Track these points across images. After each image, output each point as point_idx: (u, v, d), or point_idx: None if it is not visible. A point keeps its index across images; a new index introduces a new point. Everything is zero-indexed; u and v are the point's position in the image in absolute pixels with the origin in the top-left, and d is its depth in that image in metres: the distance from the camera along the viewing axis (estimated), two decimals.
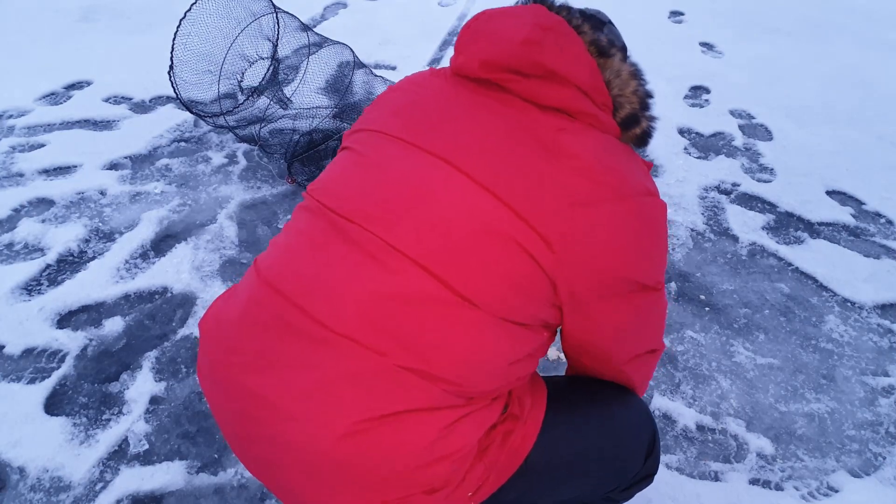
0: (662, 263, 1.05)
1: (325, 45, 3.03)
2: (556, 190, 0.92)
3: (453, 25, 4.58)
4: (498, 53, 1.01)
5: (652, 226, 1.00)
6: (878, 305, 2.37)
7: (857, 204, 2.91)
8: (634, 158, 1.05)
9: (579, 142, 0.96)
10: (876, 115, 3.63)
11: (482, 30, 1.06)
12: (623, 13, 4.89)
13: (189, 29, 2.88)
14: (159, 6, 4.55)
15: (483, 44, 1.04)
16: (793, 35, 4.63)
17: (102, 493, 1.67)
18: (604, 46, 1.08)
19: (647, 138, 1.10)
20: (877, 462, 1.84)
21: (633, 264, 0.99)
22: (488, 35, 1.04)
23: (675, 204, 2.85)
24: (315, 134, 2.92)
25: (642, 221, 0.98)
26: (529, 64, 0.98)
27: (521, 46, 0.99)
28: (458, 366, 0.91)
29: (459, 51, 1.10)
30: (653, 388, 2.01)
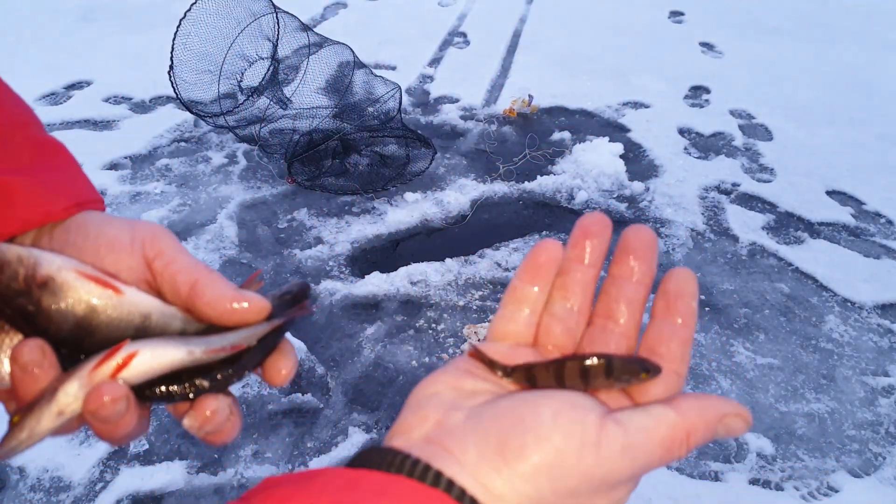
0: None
1: (325, 45, 3.03)
2: None
3: (453, 25, 4.58)
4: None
5: None
6: (878, 305, 2.36)
7: (857, 204, 2.91)
8: None
9: None
10: (876, 115, 3.63)
11: None
12: (623, 13, 4.89)
13: (189, 29, 2.88)
14: (159, 6, 4.55)
15: None
16: (793, 35, 4.63)
17: (102, 492, 1.67)
18: None
19: None
20: (877, 462, 1.84)
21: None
22: None
23: (676, 204, 2.85)
24: (315, 134, 2.92)
25: None
26: None
27: None
28: None
29: None
30: None
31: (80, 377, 0.38)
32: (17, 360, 0.39)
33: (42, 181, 0.46)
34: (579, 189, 2.88)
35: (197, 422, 0.41)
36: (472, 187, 2.90)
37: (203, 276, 0.42)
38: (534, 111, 3.50)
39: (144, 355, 0.39)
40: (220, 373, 0.41)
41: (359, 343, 2.12)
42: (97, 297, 0.41)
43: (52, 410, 0.38)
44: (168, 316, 0.42)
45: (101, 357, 0.39)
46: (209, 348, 0.40)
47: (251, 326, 0.42)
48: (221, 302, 0.41)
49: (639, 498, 1.71)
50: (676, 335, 0.40)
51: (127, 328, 0.41)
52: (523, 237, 2.61)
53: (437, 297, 2.30)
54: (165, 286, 0.43)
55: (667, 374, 0.39)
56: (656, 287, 0.42)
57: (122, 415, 0.38)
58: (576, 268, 0.43)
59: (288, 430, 1.85)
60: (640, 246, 0.43)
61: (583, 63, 4.07)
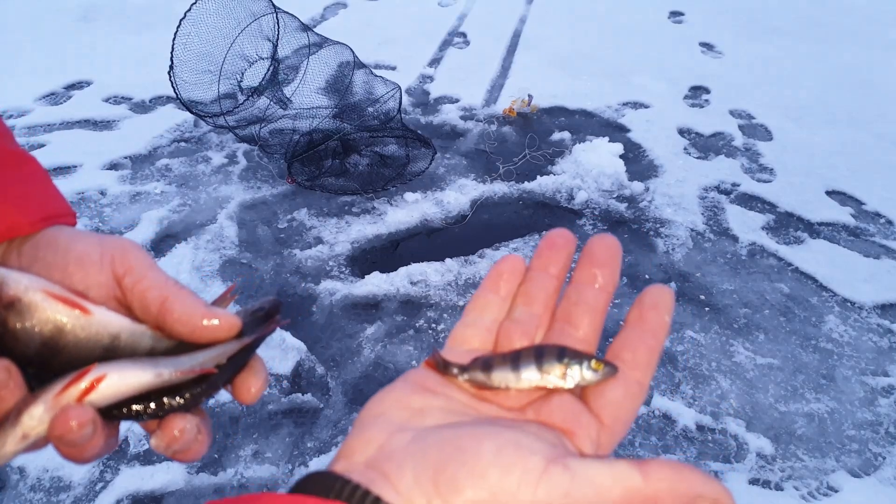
0: None
1: (325, 45, 3.03)
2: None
3: (453, 25, 4.58)
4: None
5: None
6: (878, 305, 2.37)
7: (856, 204, 2.91)
8: None
9: None
10: (876, 115, 3.63)
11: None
12: (623, 13, 4.89)
13: (189, 29, 2.88)
14: (159, 6, 4.55)
15: None
16: (793, 35, 4.63)
17: (102, 492, 1.67)
18: None
19: None
20: (876, 462, 1.84)
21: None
22: None
23: (675, 204, 2.85)
24: (315, 134, 2.92)
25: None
26: None
27: None
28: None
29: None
30: (653, 388, 2.01)
31: (46, 400, 0.38)
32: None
33: (8, 194, 0.45)
34: (579, 189, 2.88)
35: (164, 441, 0.40)
36: (472, 187, 2.90)
37: (173, 293, 0.42)
38: (534, 111, 3.50)
39: (112, 378, 0.39)
40: (189, 391, 0.40)
41: (359, 343, 2.12)
42: (65, 318, 0.40)
43: (17, 434, 0.37)
44: (137, 335, 0.42)
45: (68, 380, 0.38)
46: (178, 370, 0.40)
47: (221, 344, 0.42)
48: (192, 319, 0.41)
49: None
50: (644, 342, 0.39)
51: (95, 348, 0.41)
52: (523, 237, 2.61)
53: (437, 297, 2.30)
54: (135, 303, 0.42)
55: (629, 381, 0.38)
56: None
57: (89, 438, 0.38)
58: (538, 276, 0.43)
59: (288, 430, 1.85)
60: (604, 253, 0.42)
61: (583, 63, 4.07)
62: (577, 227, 2.69)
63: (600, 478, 0.32)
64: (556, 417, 0.37)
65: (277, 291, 2.32)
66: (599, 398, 0.38)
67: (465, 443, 0.33)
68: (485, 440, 0.33)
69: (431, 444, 0.34)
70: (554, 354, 0.38)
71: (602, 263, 0.42)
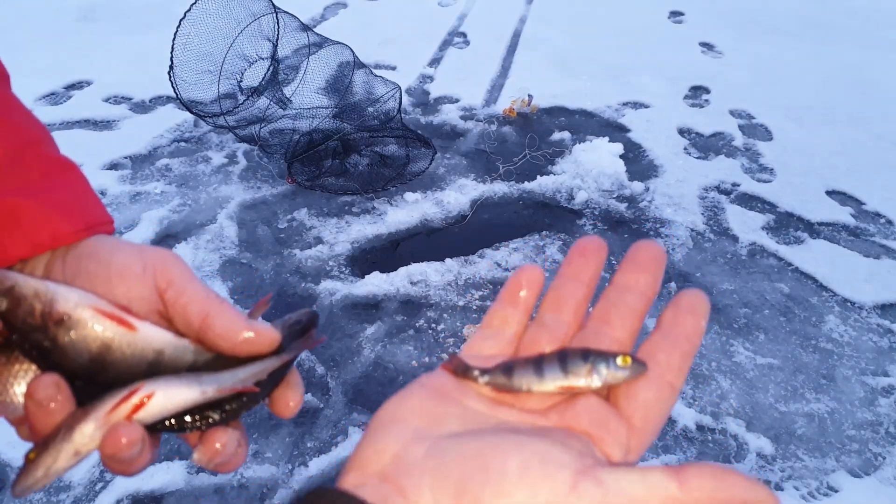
0: None
1: (325, 45, 3.03)
2: None
3: (453, 25, 4.58)
4: None
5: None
6: (878, 305, 2.37)
7: (856, 204, 2.91)
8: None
9: None
10: (876, 115, 3.63)
11: None
12: (623, 13, 4.89)
13: (189, 29, 2.89)
14: (159, 6, 4.55)
15: None
16: (793, 35, 4.63)
17: (102, 492, 1.67)
18: None
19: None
20: (877, 462, 1.84)
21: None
22: None
23: (675, 204, 2.85)
24: (315, 134, 2.92)
25: None
26: None
27: None
28: None
29: None
30: None
31: (97, 418, 0.39)
32: (33, 395, 0.40)
33: (51, 202, 0.46)
34: (579, 189, 2.88)
35: (206, 455, 0.41)
36: (472, 187, 2.90)
37: (214, 308, 0.42)
38: (534, 111, 3.50)
39: (159, 397, 0.40)
40: (229, 405, 0.42)
41: (359, 343, 2.12)
42: (112, 334, 0.42)
43: (69, 450, 0.39)
44: (180, 350, 0.43)
45: (118, 399, 0.40)
46: (221, 387, 0.41)
47: (261, 360, 0.43)
48: (233, 335, 0.42)
49: None
50: (678, 346, 0.37)
51: (140, 364, 0.42)
52: (523, 237, 2.61)
53: (437, 297, 2.30)
54: (177, 317, 0.43)
55: (661, 383, 0.36)
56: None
57: (139, 455, 0.39)
58: (569, 283, 0.42)
59: (288, 430, 1.85)
60: (648, 258, 0.41)
61: (583, 63, 4.07)
62: (577, 227, 2.69)
63: (634, 489, 0.30)
64: (582, 421, 0.35)
65: (277, 291, 2.32)
66: (629, 399, 0.36)
67: (487, 458, 0.31)
68: (509, 454, 0.31)
69: (451, 458, 0.32)
70: (578, 354, 0.37)
71: (645, 268, 0.41)
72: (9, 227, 0.44)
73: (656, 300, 1.19)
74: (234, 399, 0.42)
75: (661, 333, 0.38)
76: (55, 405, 0.40)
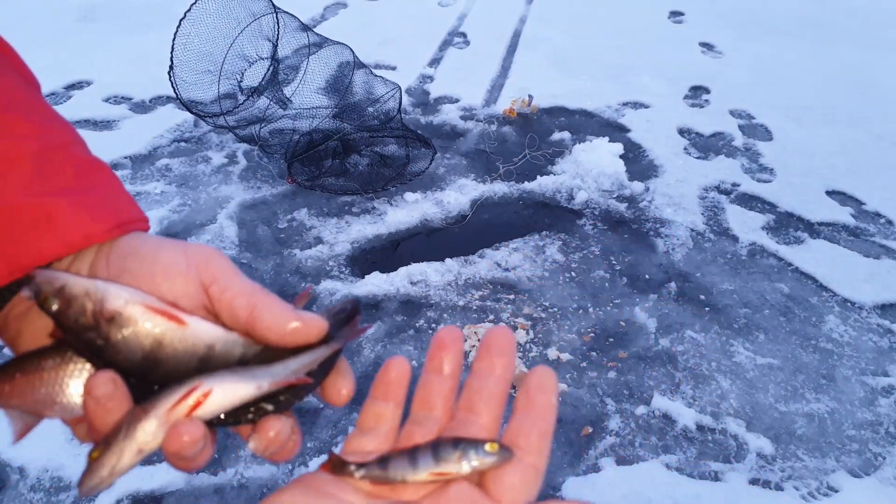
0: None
1: (325, 45, 3.03)
2: None
3: (453, 25, 4.58)
4: None
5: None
6: (878, 305, 2.37)
7: (856, 204, 2.91)
8: None
9: None
10: (876, 115, 3.63)
11: None
12: (623, 13, 4.89)
13: (189, 29, 2.89)
14: (159, 6, 4.55)
15: None
16: (793, 35, 4.63)
17: (102, 492, 1.67)
18: None
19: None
20: (877, 462, 1.84)
21: None
22: None
23: (675, 204, 2.85)
24: (315, 134, 2.92)
25: None
26: None
27: None
28: None
29: None
30: (653, 388, 2.01)
31: (158, 416, 0.40)
32: (91, 392, 0.40)
33: (83, 202, 0.46)
34: (579, 189, 2.88)
35: (262, 444, 0.42)
36: (472, 187, 2.90)
37: (260, 301, 0.43)
38: (534, 111, 3.50)
39: (217, 394, 0.40)
40: (283, 396, 0.42)
41: (359, 343, 2.12)
42: (163, 330, 0.42)
43: (133, 449, 0.39)
44: (230, 343, 0.43)
45: (177, 396, 0.40)
46: (275, 380, 0.41)
47: (311, 351, 0.43)
48: (281, 325, 0.42)
49: (639, 498, 1.71)
50: (535, 427, 0.40)
51: (191, 359, 0.42)
52: (523, 237, 2.61)
53: (437, 297, 2.30)
54: (223, 311, 0.43)
55: (524, 466, 0.38)
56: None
57: (201, 451, 0.40)
58: (433, 379, 0.44)
59: None
60: (501, 344, 0.43)
61: (583, 63, 4.07)
62: (578, 227, 2.69)
63: None
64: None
65: (278, 291, 2.32)
66: (497, 483, 0.38)
67: None
68: None
69: None
70: (449, 443, 0.39)
71: (500, 353, 0.43)
72: (43, 228, 0.44)
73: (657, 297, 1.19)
74: (286, 390, 0.42)
75: (519, 417, 0.40)
76: (113, 403, 0.40)
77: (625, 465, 1.79)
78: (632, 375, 2.05)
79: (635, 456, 1.82)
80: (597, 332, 2.20)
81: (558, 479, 1.75)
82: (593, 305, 2.30)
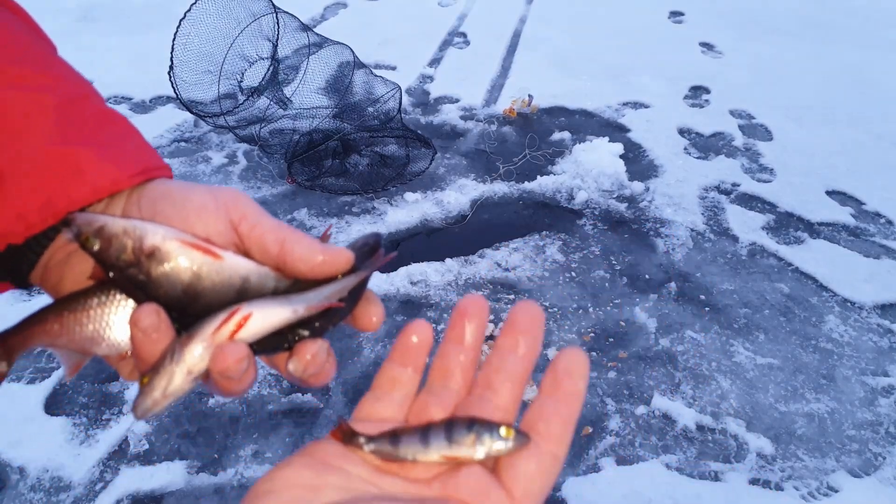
0: None
1: (325, 45, 3.03)
2: None
3: (453, 26, 4.58)
4: None
5: None
6: (878, 305, 2.36)
7: (856, 204, 2.91)
8: None
9: None
10: (876, 115, 3.63)
11: None
12: (623, 13, 4.89)
13: (189, 29, 2.88)
14: (159, 6, 4.55)
15: None
16: (793, 35, 4.63)
17: (102, 492, 1.67)
18: None
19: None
20: (877, 462, 1.84)
21: None
22: None
23: (676, 204, 2.85)
24: (315, 134, 2.92)
25: None
26: None
27: None
28: None
29: None
30: (653, 388, 2.01)
31: (203, 339, 0.42)
32: (138, 324, 0.42)
33: (107, 150, 0.48)
34: (579, 189, 2.88)
35: (300, 366, 0.43)
36: (472, 187, 2.90)
37: (289, 235, 0.44)
38: (534, 111, 3.50)
39: (257, 317, 0.42)
40: (318, 322, 0.44)
41: (359, 343, 2.12)
42: (201, 264, 0.44)
43: (183, 370, 0.41)
44: (263, 276, 0.45)
45: (219, 320, 0.42)
46: (310, 305, 0.43)
47: (342, 280, 0.45)
48: (311, 257, 0.44)
49: (639, 498, 1.71)
50: (558, 413, 0.38)
51: (229, 292, 0.44)
52: (523, 237, 2.61)
53: (437, 297, 2.30)
54: (254, 247, 0.45)
55: (542, 453, 0.37)
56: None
57: (245, 371, 0.41)
58: (454, 349, 0.43)
59: (288, 430, 1.85)
60: (528, 321, 0.42)
61: (583, 63, 4.07)
62: (578, 227, 2.69)
63: None
64: (462, 491, 0.36)
65: None
66: (511, 471, 0.37)
67: None
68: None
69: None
70: (464, 424, 0.37)
71: (525, 331, 0.41)
72: (71, 176, 0.46)
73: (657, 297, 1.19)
74: (321, 316, 0.44)
75: (542, 400, 0.39)
76: (158, 333, 0.42)
77: (625, 464, 1.79)
78: (632, 375, 2.05)
79: (635, 456, 1.82)
80: (597, 332, 2.20)
81: (558, 479, 1.75)
82: (593, 305, 2.30)
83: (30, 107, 0.46)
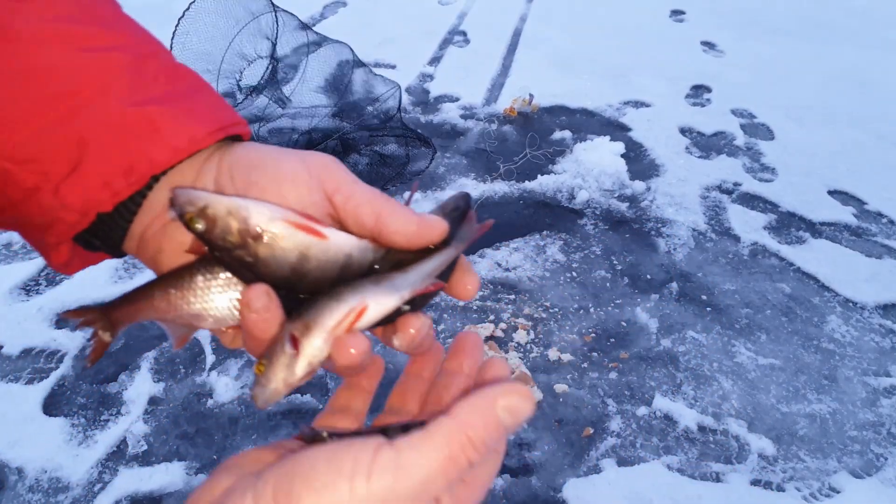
0: None
1: (325, 44, 3.02)
2: None
3: (453, 24, 4.57)
4: None
5: None
6: (880, 305, 2.36)
7: (858, 204, 2.91)
8: None
9: None
10: (876, 114, 3.62)
11: None
12: (624, 12, 4.88)
13: (188, 28, 2.87)
14: (159, 6, 4.54)
15: None
16: (793, 35, 4.62)
17: (101, 493, 1.66)
18: None
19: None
20: (878, 463, 1.83)
21: None
22: None
23: (677, 203, 2.84)
24: (314, 133, 2.91)
25: None
26: None
27: None
28: None
29: None
30: (654, 389, 2.00)
31: (323, 331, 0.43)
32: (250, 305, 0.42)
33: (182, 108, 0.47)
34: (580, 188, 2.87)
35: (406, 341, 0.45)
36: (472, 187, 2.89)
37: (385, 207, 0.45)
38: (534, 110, 3.49)
39: (372, 309, 0.43)
40: (416, 298, 0.45)
41: None
42: (308, 244, 0.44)
43: (304, 362, 0.42)
44: (363, 250, 0.45)
45: (339, 316, 0.43)
46: (415, 289, 0.44)
47: (439, 254, 0.45)
48: (407, 230, 0.44)
49: (640, 499, 1.70)
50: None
51: (333, 269, 0.45)
52: (524, 237, 2.60)
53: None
54: (349, 219, 0.45)
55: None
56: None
57: (367, 361, 0.43)
58: (412, 380, 0.51)
59: (288, 431, 1.84)
60: (470, 345, 0.48)
61: (583, 62, 4.06)
62: (578, 227, 2.68)
63: (419, 438, 0.34)
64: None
65: None
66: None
67: (301, 459, 0.34)
68: (321, 452, 0.34)
69: (270, 473, 0.35)
70: (418, 425, 0.40)
71: (469, 354, 0.48)
72: (149, 136, 0.45)
73: (659, 297, 1.18)
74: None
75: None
76: (269, 314, 0.43)
77: (626, 465, 1.78)
78: (633, 376, 2.04)
79: (636, 457, 1.81)
80: (598, 333, 2.19)
81: (559, 480, 1.74)
82: (594, 305, 2.30)
83: (103, 66, 0.45)
